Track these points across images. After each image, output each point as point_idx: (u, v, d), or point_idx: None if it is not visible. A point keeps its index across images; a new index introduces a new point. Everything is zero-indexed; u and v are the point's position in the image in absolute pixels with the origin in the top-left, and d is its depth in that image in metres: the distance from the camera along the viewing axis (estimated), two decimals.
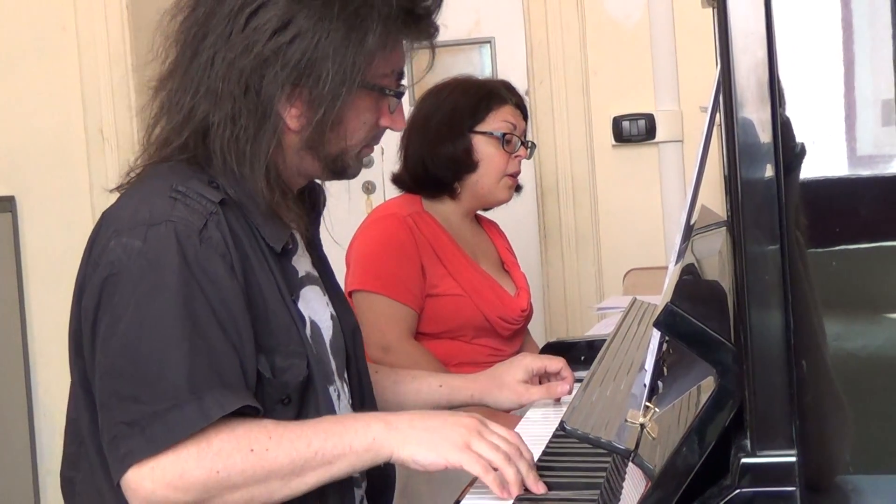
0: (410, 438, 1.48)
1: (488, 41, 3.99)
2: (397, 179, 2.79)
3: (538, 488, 1.48)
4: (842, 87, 1.07)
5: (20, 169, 3.91)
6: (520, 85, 3.10)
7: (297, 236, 1.67)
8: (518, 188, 2.80)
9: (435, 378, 1.91)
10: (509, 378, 1.89)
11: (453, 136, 2.68)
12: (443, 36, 4.49)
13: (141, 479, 1.42)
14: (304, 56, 1.51)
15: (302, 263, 1.66)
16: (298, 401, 1.56)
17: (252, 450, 1.44)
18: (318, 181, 1.75)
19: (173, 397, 1.42)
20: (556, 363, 1.97)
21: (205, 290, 1.46)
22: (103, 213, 1.57)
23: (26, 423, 3.94)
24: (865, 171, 1.08)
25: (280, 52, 1.51)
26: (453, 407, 1.93)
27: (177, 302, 1.44)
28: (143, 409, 1.42)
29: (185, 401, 1.41)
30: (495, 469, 1.47)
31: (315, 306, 1.65)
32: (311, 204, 1.74)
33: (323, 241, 1.80)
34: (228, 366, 1.46)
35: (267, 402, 1.52)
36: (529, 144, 2.79)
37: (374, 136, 1.64)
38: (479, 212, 2.86)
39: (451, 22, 4.39)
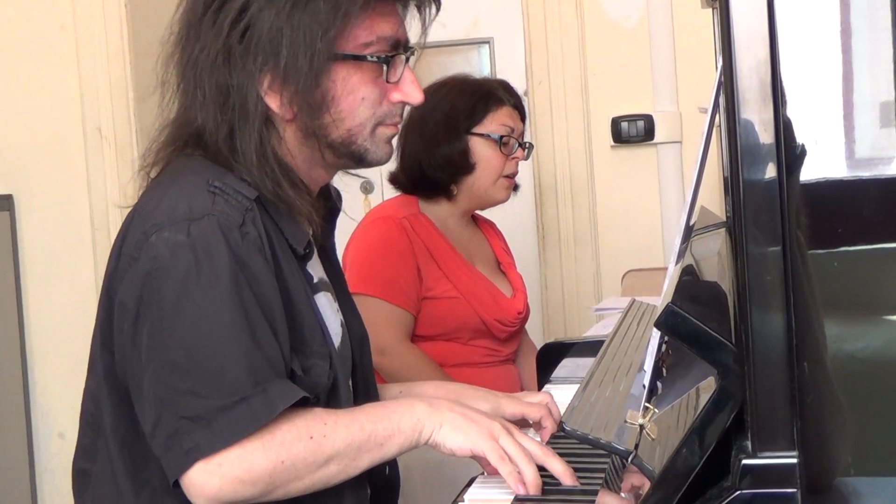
0: (447, 420, 1.51)
1: (487, 41, 3.99)
2: (394, 179, 2.79)
3: (575, 481, 1.49)
4: (841, 88, 1.07)
5: (18, 167, 3.91)
6: (518, 85, 3.09)
7: (313, 242, 1.66)
8: (515, 187, 2.80)
9: (396, 386, 1.89)
10: (472, 406, 1.71)
11: (450, 138, 2.67)
12: (441, 36, 4.48)
13: (209, 475, 1.41)
14: (263, 38, 1.50)
15: (316, 269, 1.66)
16: (325, 400, 1.56)
17: (312, 437, 1.45)
18: (334, 185, 1.74)
19: (238, 391, 1.41)
20: (536, 412, 1.72)
21: (251, 285, 1.46)
22: (135, 208, 1.56)
23: (23, 422, 3.94)
24: (866, 173, 1.08)
25: (242, 40, 1.51)
26: None
27: (231, 295, 1.43)
28: (207, 403, 1.41)
29: (251, 394, 1.41)
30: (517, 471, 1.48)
31: (326, 312, 1.65)
32: (328, 208, 1.74)
33: None
34: (277, 359, 1.46)
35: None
36: (527, 146, 2.79)
37: (388, 113, 1.58)
38: (477, 212, 2.86)
39: (449, 22, 4.39)
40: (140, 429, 1.48)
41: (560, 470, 1.49)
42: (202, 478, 1.42)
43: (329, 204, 1.74)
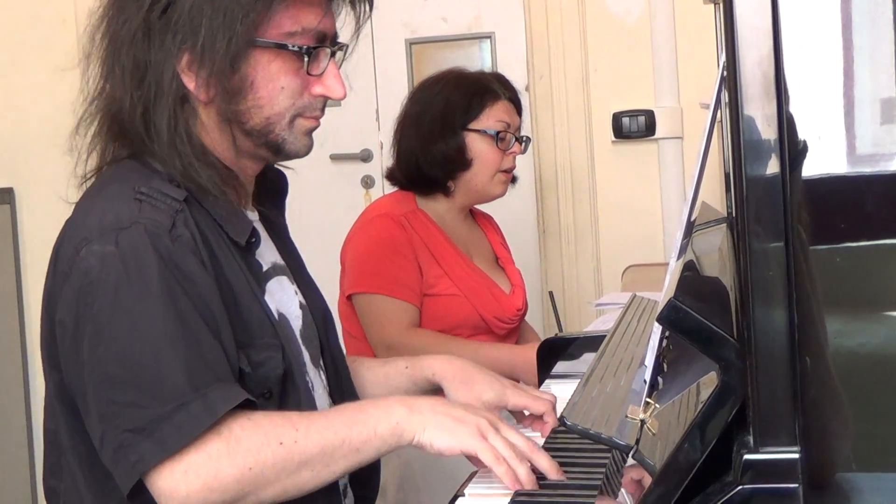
0: (431, 422, 1.47)
1: (488, 36, 3.99)
2: (391, 175, 2.78)
3: (561, 475, 1.47)
4: (844, 84, 1.07)
5: (19, 161, 3.91)
6: (519, 80, 3.09)
7: (260, 229, 1.65)
8: (514, 180, 2.79)
9: (402, 360, 1.86)
10: (478, 390, 1.73)
11: (446, 134, 2.66)
12: (442, 30, 4.47)
13: (175, 483, 1.40)
14: (183, 16, 1.49)
15: (266, 256, 1.65)
16: (279, 394, 1.55)
17: (281, 443, 1.43)
18: (279, 167, 1.74)
19: (177, 397, 1.40)
20: (540, 406, 1.72)
21: (185, 289, 1.44)
22: (66, 223, 1.55)
23: (24, 418, 3.94)
24: (868, 169, 1.08)
25: (163, 16, 1.51)
26: (418, 387, 1.82)
27: (163, 301, 1.42)
28: (147, 413, 1.39)
29: (190, 399, 1.39)
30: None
31: (281, 297, 1.64)
32: (274, 191, 1.73)
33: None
34: (219, 362, 1.45)
35: None
36: (524, 140, 2.77)
37: (308, 105, 1.58)
38: (475, 206, 2.86)
39: (451, 16, 4.39)
40: None
41: (546, 466, 1.48)
42: (170, 485, 1.40)
43: (275, 187, 1.73)
